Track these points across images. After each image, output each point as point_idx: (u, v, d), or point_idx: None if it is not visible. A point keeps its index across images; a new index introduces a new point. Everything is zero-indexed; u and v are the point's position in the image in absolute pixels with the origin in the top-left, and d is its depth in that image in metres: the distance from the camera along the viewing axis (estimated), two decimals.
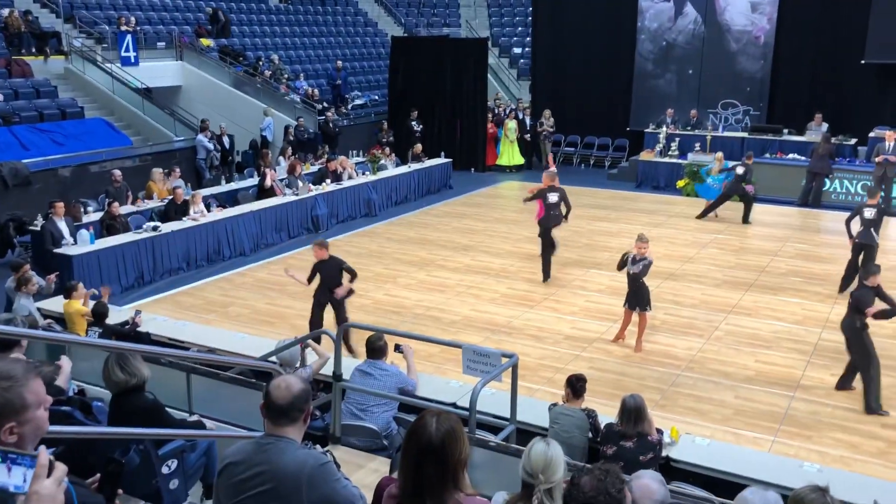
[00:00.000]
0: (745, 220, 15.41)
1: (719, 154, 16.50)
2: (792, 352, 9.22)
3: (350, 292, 8.99)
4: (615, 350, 9.30)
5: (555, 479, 2.85)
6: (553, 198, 11.65)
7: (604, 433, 5.63)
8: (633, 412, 5.46)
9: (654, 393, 8.16)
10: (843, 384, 8.23)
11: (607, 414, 6.18)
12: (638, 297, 9.19)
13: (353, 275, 8.84)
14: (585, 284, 11.69)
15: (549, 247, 11.81)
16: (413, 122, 20.79)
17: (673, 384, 8.40)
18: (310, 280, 8.84)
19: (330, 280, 8.81)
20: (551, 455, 2.89)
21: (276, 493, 2.98)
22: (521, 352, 8.96)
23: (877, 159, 16.10)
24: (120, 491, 3.20)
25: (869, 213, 10.88)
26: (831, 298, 11.02)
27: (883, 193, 15.55)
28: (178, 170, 14.61)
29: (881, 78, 18.59)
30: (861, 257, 10.88)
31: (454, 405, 6.59)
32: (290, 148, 17.91)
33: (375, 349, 6.32)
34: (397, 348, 6.52)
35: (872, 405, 7.80)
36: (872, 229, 10.84)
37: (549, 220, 11.75)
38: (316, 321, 8.71)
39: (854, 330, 7.87)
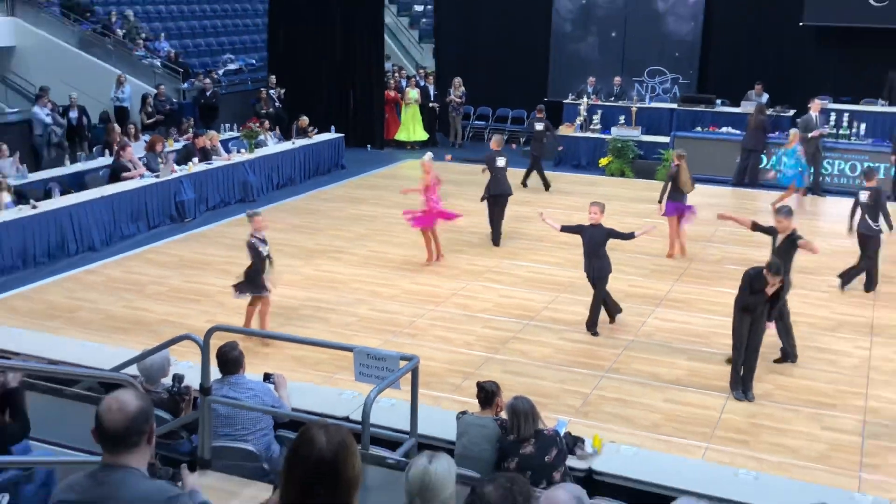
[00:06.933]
0: (524, 182, 17.04)
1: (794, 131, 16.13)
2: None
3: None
4: (532, 351, 9.43)
5: (436, 502, 2.87)
6: (501, 161, 13.14)
7: (501, 448, 5.72)
8: (527, 414, 5.60)
9: (576, 398, 8.34)
10: None
11: None
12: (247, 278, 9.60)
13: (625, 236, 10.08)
14: (499, 277, 11.82)
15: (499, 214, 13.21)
16: (271, 91, 20.22)
17: (596, 388, 8.59)
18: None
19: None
20: (432, 476, 2.91)
21: None
22: (426, 355, 9.06)
23: (811, 135, 16.28)
24: None
25: (864, 196, 11.14)
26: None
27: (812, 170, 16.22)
28: (3, 147, 13.97)
29: (821, 42, 19.44)
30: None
31: (346, 419, 6.58)
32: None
33: (229, 361, 6.04)
34: (267, 378, 6.25)
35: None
36: (867, 216, 11.03)
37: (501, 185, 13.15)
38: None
39: None
